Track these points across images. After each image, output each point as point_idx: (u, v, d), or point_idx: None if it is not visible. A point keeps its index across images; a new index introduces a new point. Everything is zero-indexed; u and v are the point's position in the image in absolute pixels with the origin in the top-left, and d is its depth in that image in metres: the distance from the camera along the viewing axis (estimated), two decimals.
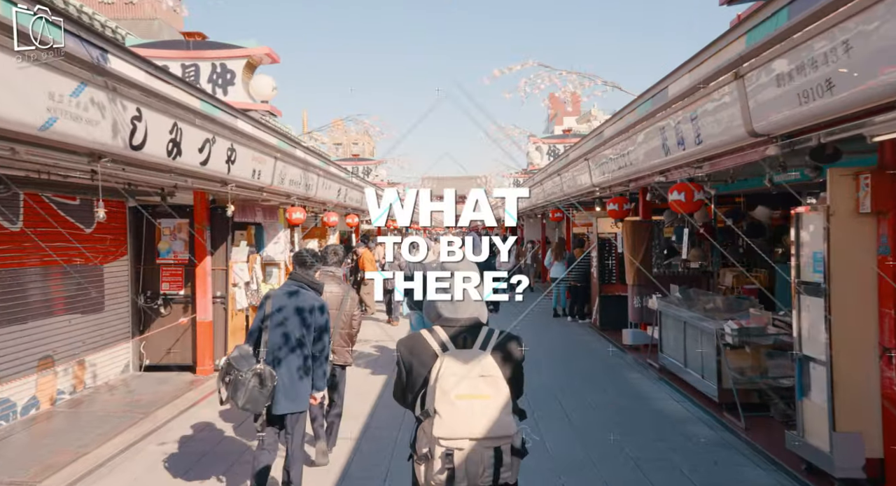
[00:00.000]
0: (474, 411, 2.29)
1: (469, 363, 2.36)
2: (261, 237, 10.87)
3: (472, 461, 2.27)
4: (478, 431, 2.27)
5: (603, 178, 8.86)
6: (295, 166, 9.33)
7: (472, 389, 2.32)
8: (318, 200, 11.66)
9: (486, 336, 2.48)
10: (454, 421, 2.27)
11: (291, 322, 4.15)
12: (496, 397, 2.32)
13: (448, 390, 2.30)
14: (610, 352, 9.81)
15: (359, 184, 15.19)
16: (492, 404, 2.31)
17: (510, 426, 2.32)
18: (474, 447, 2.27)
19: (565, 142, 16.95)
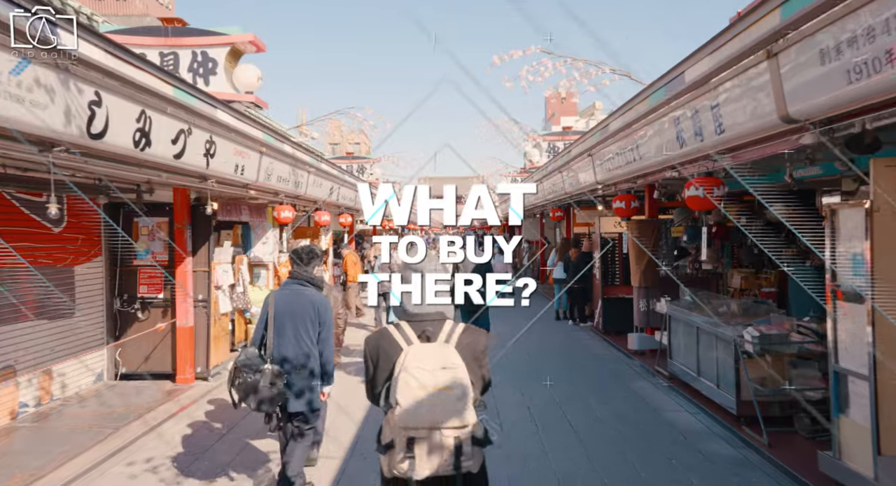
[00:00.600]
0: (435, 401, 2.36)
1: (431, 356, 2.44)
2: (248, 237, 10.36)
3: (433, 450, 2.36)
4: (437, 420, 2.36)
5: (608, 174, 8.38)
6: (283, 162, 8.83)
7: (434, 380, 2.39)
8: (308, 198, 11.15)
9: (449, 330, 2.57)
10: (415, 411, 2.36)
11: (295, 320, 4.18)
12: (456, 388, 2.39)
13: (410, 381, 2.38)
14: (615, 358, 9.33)
15: (352, 182, 14.70)
16: (452, 394, 2.38)
17: (470, 416, 2.40)
18: (435, 435, 2.37)
19: (565, 139, 16.48)
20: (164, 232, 7.92)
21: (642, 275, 9.20)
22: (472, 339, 2.59)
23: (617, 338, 10.61)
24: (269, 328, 4.18)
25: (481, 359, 2.60)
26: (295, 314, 4.19)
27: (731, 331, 5.97)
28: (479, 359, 2.58)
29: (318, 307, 4.24)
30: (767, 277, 10.13)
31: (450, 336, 2.56)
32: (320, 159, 11.14)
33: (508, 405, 6.81)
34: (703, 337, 6.70)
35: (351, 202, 14.95)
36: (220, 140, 6.45)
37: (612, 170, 8.06)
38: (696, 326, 6.85)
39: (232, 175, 6.99)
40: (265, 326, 4.21)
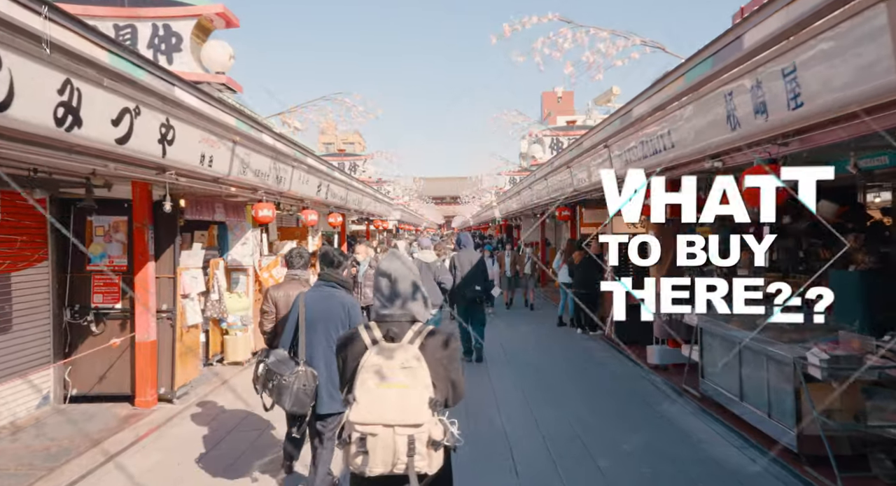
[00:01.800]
0: (389, 398, 2.39)
1: (392, 355, 2.48)
2: (225, 239, 9.36)
3: (386, 447, 2.37)
4: (389, 417, 2.37)
5: (628, 167, 7.41)
6: (261, 155, 7.84)
7: (391, 378, 2.43)
8: (293, 195, 10.15)
9: (415, 331, 2.59)
10: (368, 407, 2.39)
11: (326, 322, 4.21)
12: (413, 387, 2.42)
13: (367, 379, 2.44)
14: (634, 374, 8.36)
15: (344, 179, 13.69)
16: (407, 393, 2.41)
17: (421, 416, 2.39)
18: (387, 433, 2.37)
19: (569, 134, 15.52)
20: (122, 233, 6.91)
21: None
22: (438, 341, 2.60)
23: (632, 349, 9.64)
24: (301, 330, 4.24)
25: (448, 363, 2.60)
26: (326, 316, 4.22)
27: (789, 351, 5.01)
28: (445, 362, 2.59)
29: (348, 309, 4.27)
30: (796, 281, 9.20)
31: (415, 338, 2.58)
32: (306, 153, 10.13)
33: (520, 435, 5.83)
34: (748, 356, 5.74)
35: (341, 201, 13.95)
36: (181, 125, 5.45)
37: (634, 162, 7.09)
38: (738, 342, 5.88)
39: (197, 167, 5.99)
40: (296, 327, 4.26)
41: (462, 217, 60.09)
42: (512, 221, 27.40)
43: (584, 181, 10.01)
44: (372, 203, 19.26)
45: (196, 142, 5.85)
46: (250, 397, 7.39)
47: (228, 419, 6.52)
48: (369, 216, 21.24)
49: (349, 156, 18.86)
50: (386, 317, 2.66)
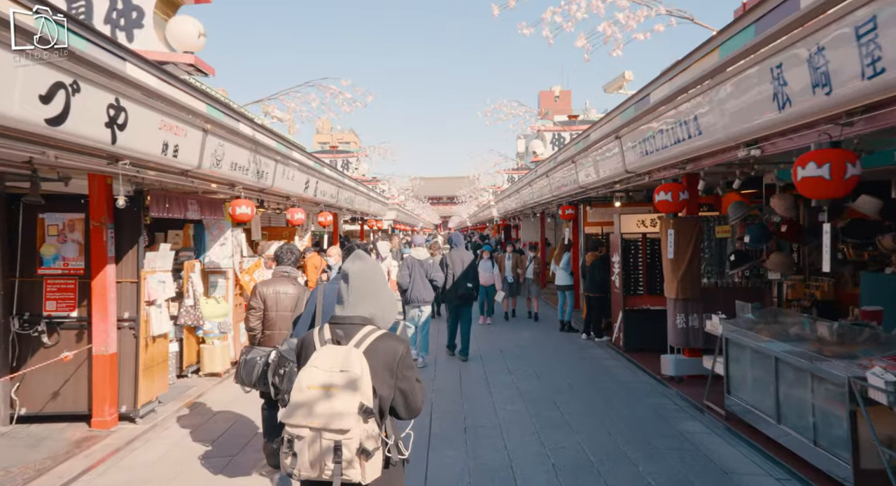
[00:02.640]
0: (317, 401, 2.31)
1: (333, 357, 2.39)
2: (201, 239, 8.62)
3: (313, 451, 2.28)
4: (315, 421, 2.28)
5: (642, 160, 6.70)
6: (239, 146, 7.12)
7: (325, 381, 2.33)
8: (276, 192, 9.43)
9: (363, 335, 2.48)
10: (296, 409, 2.31)
11: None
12: (345, 391, 2.31)
13: (302, 380, 2.35)
14: (647, 386, 7.64)
15: (335, 176, 12.96)
16: (337, 396, 2.30)
17: (347, 422, 2.26)
18: (314, 436, 2.29)
19: (572, 129, 14.80)
20: (78, 232, 6.17)
21: (679, 284, 7.52)
22: (386, 346, 2.47)
23: (642, 358, 8.94)
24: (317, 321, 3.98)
25: (397, 369, 2.47)
26: None
27: (841, 368, 4.30)
28: (394, 369, 2.46)
29: None
30: (819, 285, 8.52)
31: (361, 341, 2.46)
32: (291, 147, 9.40)
33: (526, 461, 5.11)
34: (786, 371, 5.03)
35: (331, 199, 13.21)
36: (136, 107, 4.73)
37: (651, 153, 6.38)
38: (772, 355, 5.17)
39: (158, 157, 5.25)
40: (312, 318, 4.07)
41: (459, 217, 59.48)
42: (510, 221, 26.70)
43: (590, 177, 9.30)
44: (365, 202, 18.52)
45: (156, 128, 5.12)
46: (228, 412, 6.67)
47: (201, 437, 5.79)
48: (363, 216, 20.51)
49: (342, 153, 18.09)
50: (338, 319, 2.56)
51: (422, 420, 6.25)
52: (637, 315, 9.62)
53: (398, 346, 2.49)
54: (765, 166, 7.00)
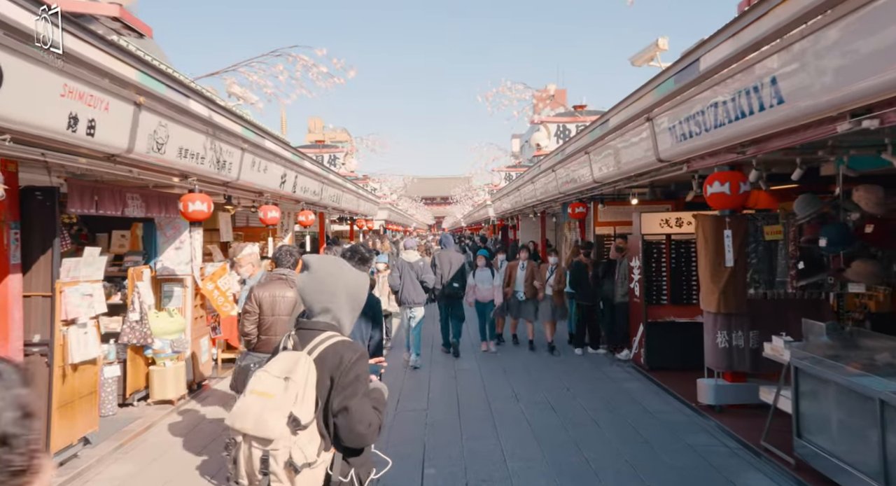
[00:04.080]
0: (252, 407, 2.18)
1: (282, 363, 2.28)
2: (152, 241, 7.33)
3: (245, 459, 2.19)
4: (246, 426, 2.17)
5: (683, 145, 5.44)
6: (189, 128, 5.85)
7: (267, 386, 2.22)
8: (245, 187, 8.14)
9: (318, 341, 2.31)
10: (236, 413, 2.22)
11: None
12: (281, 398, 2.16)
13: (251, 383, 2.27)
14: (681, 417, 6.39)
15: (317, 171, 11.66)
16: (270, 403, 2.16)
17: (273, 431, 2.11)
18: (244, 443, 2.20)
19: (577, 121, 13.55)
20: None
21: (721, 296, 6.28)
22: (336, 355, 2.26)
23: (668, 379, 7.69)
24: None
25: (338, 379, 2.23)
26: None
27: None
28: (339, 379, 2.23)
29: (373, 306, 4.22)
30: (874, 295, 7.30)
31: (315, 348, 2.29)
32: (264, 135, 8.11)
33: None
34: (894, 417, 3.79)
35: (314, 196, 11.91)
36: (18, 63, 3.45)
37: (697, 136, 5.12)
38: (875, 397, 3.92)
39: (62, 133, 3.97)
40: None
41: (453, 217, 58.33)
42: (508, 221, 25.46)
43: (607, 170, 8.04)
44: (354, 200, 17.21)
45: (55, 95, 3.83)
46: (179, 453, 5.39)
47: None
48: (352, 215, 19.21)
49: (328, 148, 16.78)
50: (302, 324, 2.43)
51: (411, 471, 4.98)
52: (660, 328, 8.38)
53: (346, 352, 2.27)
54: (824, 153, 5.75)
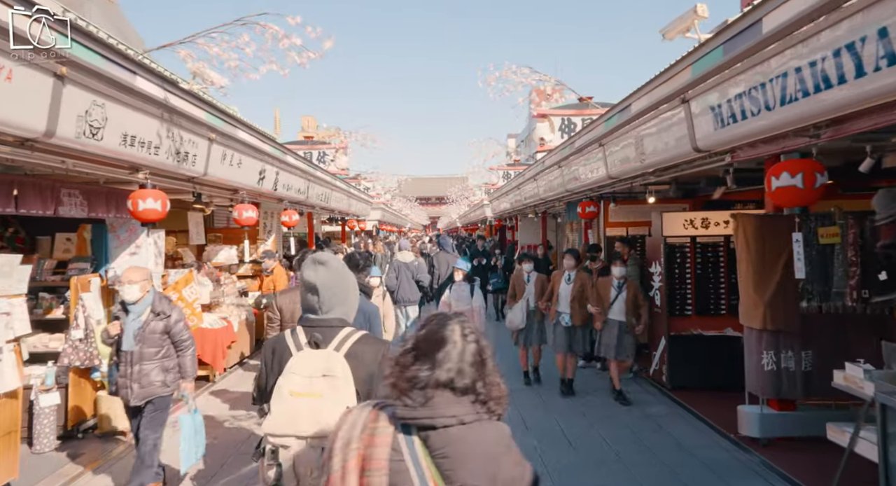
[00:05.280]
0: (302, 409, 2.21)
1: (314, 362, 2.30)
2: (103, 245, 6.34)
3: (300, 461, 2.19)
4: (303, 429, 2.19)
5: (729, 131, 4.47)
6: (137, 111, 4.90)
7: (308, 387, 2.24)
8: (216, 183, 7.17)
9: (342, 338, 2.38)
10: (281, 418, 2.23)
11: None
12: (331, 397, 2.22)
13: (283, 386, 2.26)
14: (722, 454, 5.44)
15: (302, 167, 10.67)
16: (323, 403, 2.21)
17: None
18: (301, 445, 2.20)
19: (583, 114, 12.61)
20: None
21: (768, 310, 5.35)
22: (366, 349, 2.37)
23: (695, 401, 6.76)
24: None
25: (374, 372, 2.31)
26: None
27: None
28: (373, 372, 2.31)
29: (368, 316, 4.19)
30: None
31: (341, 344, 2.36)
32: (236, 124, 7.12)
33: None
34: None
35: (300, 194, 10.91)
36: None
37: (752, 118, 4.16)
38: None
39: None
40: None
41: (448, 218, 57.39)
42: (506, 222, 24.50)
43: (626, 163, 7.10)
44: (344, 200, 16.22)
45: None
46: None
47: None
48: (343, 216, 18.22)
49: (317, 144, 15.79)
50: (314, 321, 2.44)
51: None
52: (685, 343, 7.43)
53: (381, 347, 2.40)
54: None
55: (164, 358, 4.55)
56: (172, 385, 4.57)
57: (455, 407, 1.54)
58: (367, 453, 1.53)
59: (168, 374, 4.56)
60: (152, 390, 4.48)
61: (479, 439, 1.53)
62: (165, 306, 4.57)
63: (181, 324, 4.62)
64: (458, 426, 1.53)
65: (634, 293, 7.12)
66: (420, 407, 1.54)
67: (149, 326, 4.46)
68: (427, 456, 1.51)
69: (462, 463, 1.49)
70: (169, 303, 4.65)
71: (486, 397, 1.59)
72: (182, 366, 4.66)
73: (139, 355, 4.45)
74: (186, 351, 4.67)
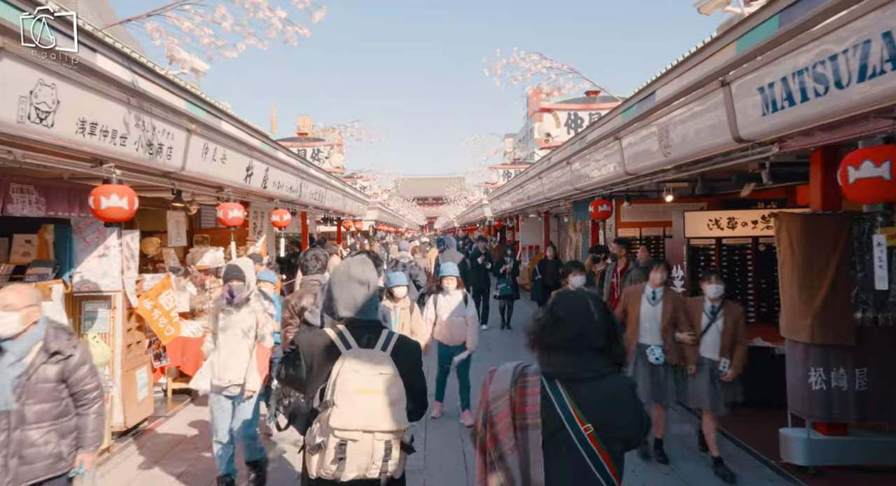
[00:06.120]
0: (370, 405, 2.41)
1: (369, 361, 2.50)
2: (67, 247, 5.68)
3: (364, 453, 2.40)
4: (371, 423, 2.40)
5: (788, 114, 3.83)
6: (96, 94, 4.25)
7: (370, 385, 2.44)
8: (195, 179, 6.52)
9: (386, 338, 2.62)
10: (351, 414, 2.39)
11: None
12: (391, 393, 2.45)
13: (348, 384, 2.42)
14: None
15: (293, 164, 10.03)
16: (386, 399, 2.43)
17: (402, 422, 2.47)
18: (367, 439, 2.40)
19: (591, 108, 11.99)
20: None
21: (816, 321, 4.72)
22: (408, 349, 2.67)
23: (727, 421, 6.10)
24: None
25: (414, 369, 2.65)
26: None
27: None
28: (412, 369, 2.63)
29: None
30: None
31: (386, 344, 2.60)
32: (220, 114, 6.47)
33: None
34: None
35: (291, 193, 10.26)
36: None
37: (817, 98, 3.52)
38: None
39: None
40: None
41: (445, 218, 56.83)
42: (507, 222, 23.87)
43: (647, 158, 6.47)
44: (340, 199, 15.56)
45: None
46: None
47: None
48: (339, 216, 17.57)
49: (311, 141, 15.14)
50: (361, 323, 2.65)
51: None
52: None
53: (416, 347, 2.75)
54: None
55: (58, 419, 3.11)
56: (70, 458, 3.16)
57: (593, 363, 1.98)
58: (521, 400, 1.99)
59: (64, 442, 3.13)
60: (39, 468, 3.04)
61: (611, 386, 1.99)
62: (64, 344, 3.15)
63: (85, 369, 3.20)
64: (597, 377, 1.97)
65: (735, 321, 5.10)
66: (564, 364, 1.99)
67: (36, 372, 3.05)
68: (571, 400, 1.95)
69: (598, 405, 1.94)
70: (69, 338, 3.22)
71: (616, 355, 2.04)
72: (81, 429, 3.19)
73: (19, 416, 3.00)
74: (90, 408, 3.22)
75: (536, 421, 1.94)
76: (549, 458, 1.93)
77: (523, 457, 1.95)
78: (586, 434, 1.91)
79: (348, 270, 2.68)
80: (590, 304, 2.04)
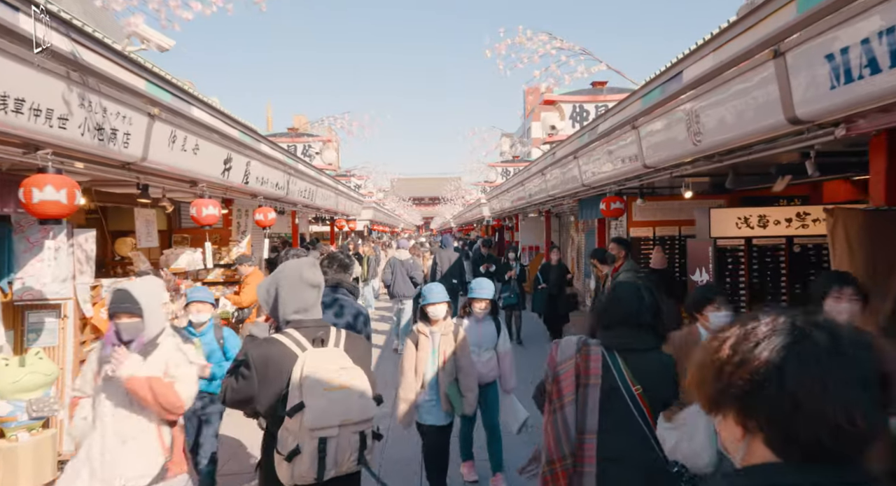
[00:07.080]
0: (339, 400, 2.47)
1: (329, 358, 2.58)
2: (5, 248, 4.92)
3: (341, 447, 2.45)
4: (346, 417, 2.46)
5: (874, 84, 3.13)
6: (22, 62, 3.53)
7: (337, 381, 2.50)
8: (161, 172, 5.78)
9: (336, 335, 2.74)
10: (325, 411, 2.42)
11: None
12: (357, 385, 2.56)
13: (315, 384, 2.45)
14: None
15: (280, 158, 9.28)
16: (354, 392, 2.54)
17: (372, 410, 2.58)
18: (343, 433, 2.46)
19: (597, 100, 11.28)
20: None
21: (880, 331, 4.00)
22: (357, 342, 2.81)
23: None
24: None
25: (366, 361, 2.78)
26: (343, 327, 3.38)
27: None
28: (364, 361, 2.76)
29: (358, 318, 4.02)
30: None
31: (338, 341, 2.71)
32: (190, 100, 5.72)
33: None
34: None
35: (278, 190, 9.50)
36: None
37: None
38: None
39: None
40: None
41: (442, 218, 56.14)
42: (506, 222, 23.15)
43: (671, 148, 5.75)
44: (332, 197, 14.80)
45: None
46: None
47: None
48: (331, 215, 16.81)
49: (302, 137, 14.40)
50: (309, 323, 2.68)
51: None
52: None
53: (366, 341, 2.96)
54: None
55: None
56: None
57: (645, 337, 2.65)
58: (585, 364, 2.58)
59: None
60: None
61: (657, 358, 2.67)
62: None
63: None
64: (647, 350, 2.64)
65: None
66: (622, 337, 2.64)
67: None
68: (627, 368, 2.58)
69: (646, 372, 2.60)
70: None
71: (663, 332, 2.78)
72: None
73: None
74: None
75: (598, 381, 2.56)
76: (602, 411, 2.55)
77: (582, 407, 2.55)
78: (636, 394, 2.53)
79: (301, 273, 2.68)
80: (641, 289, 2.74)
